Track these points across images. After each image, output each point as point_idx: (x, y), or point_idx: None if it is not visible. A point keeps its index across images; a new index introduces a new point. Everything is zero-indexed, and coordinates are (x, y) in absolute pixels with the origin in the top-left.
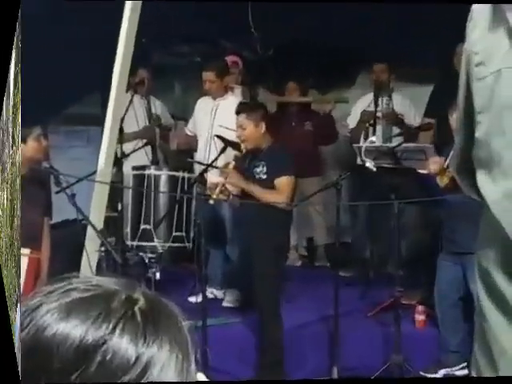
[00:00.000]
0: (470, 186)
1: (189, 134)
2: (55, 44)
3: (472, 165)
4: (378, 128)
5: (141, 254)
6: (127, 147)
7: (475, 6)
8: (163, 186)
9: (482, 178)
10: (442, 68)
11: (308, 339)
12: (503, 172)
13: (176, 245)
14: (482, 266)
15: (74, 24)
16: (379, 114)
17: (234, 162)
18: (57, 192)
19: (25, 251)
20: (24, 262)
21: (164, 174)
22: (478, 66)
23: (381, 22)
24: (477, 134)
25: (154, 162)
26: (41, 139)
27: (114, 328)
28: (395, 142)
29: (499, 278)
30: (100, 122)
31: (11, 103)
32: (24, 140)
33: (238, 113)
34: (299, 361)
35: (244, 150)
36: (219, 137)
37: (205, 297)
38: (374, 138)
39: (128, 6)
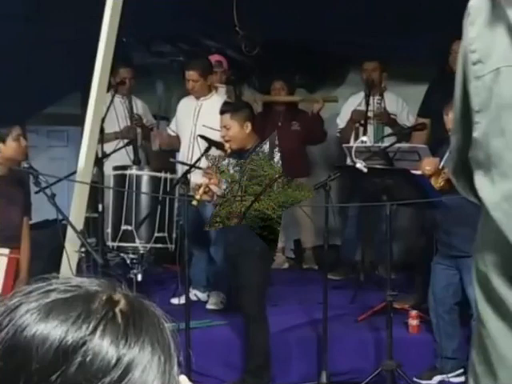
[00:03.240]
0: (467, 188)
1: (171, 133)
2: (36, 43)
3: (469, 166)
4: (369, 128)
5: (122, 254)
6: (108, 147)
7: (473, 2)
8: (145, 186)
9: (479, 180)
10: (437, 66)
11: (296, 343)
12: (502, 173)
13: (158, 246)
14: (479, 270)
15: (55, 23)
16: (370, 114)
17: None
18: (36, 192)
19: (4, 251)
20: (3, 262)
21: (146, 175)
22: (475, 64)
23: (372, 16)
24: (474, 135)
25: (136, 162)
26: (20, 139)
27: (95, 329)
28: (387, 142)
29: (498, 283)
30: (80, 121)
31: None
32: (3, 140)
33: (222, 113)
34: (286, 365)
35: (229, 151)
36: (203, 137)
37: (188, 298)
38: (364, 138)
39: (109, 4)
